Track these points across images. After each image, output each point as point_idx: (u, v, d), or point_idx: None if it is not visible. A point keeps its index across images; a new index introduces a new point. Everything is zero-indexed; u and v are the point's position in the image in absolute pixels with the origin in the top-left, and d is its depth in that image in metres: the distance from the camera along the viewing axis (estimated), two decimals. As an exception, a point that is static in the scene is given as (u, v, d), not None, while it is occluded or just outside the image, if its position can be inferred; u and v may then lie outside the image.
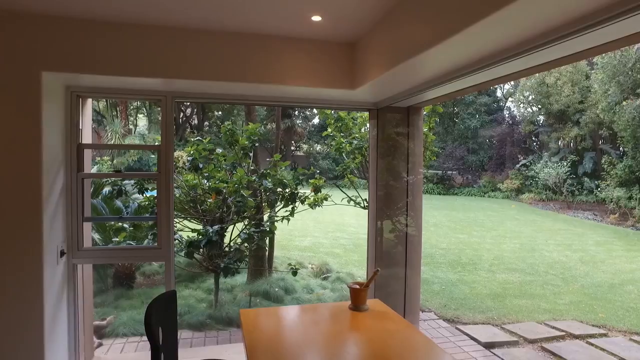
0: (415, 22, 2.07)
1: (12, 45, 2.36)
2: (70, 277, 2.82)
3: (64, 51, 2.45)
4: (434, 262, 8.16)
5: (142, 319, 4.41)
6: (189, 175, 4.43)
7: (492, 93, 23.30)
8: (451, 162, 21.62)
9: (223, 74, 2.69)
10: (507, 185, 19.15)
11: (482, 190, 20.22)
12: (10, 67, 2.36)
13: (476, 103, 22.45)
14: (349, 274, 6.72)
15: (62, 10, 2.34)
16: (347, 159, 5.22)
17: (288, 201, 4.45)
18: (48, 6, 2.29)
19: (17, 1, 2.23)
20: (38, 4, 2.25)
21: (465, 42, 1.82)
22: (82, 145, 2.86)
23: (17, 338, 2.41)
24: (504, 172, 20.78)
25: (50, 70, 2.44)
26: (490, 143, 22.64)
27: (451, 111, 23.05)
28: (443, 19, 1.82)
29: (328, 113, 5.21)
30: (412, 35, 2.09)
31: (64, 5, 2.28)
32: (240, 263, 4.53)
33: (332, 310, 2.41)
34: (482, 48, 1.92)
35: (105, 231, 5.19)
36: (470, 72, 2.20)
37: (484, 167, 21.92)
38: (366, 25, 2.56)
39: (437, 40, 1.86)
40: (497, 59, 1.97)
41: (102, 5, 2.28)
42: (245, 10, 2.34)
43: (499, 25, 1.60)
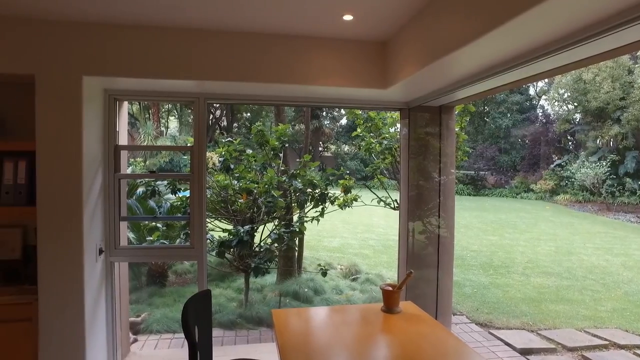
0: (448, 20, 2.03)
1: (56, 52, 2.45)
2: (108, 275, 2.90)
3: (103, 56, 2.52)
4: (465, 264, 7.98)
5: (175, 316, 4.54)
6: (220, 176, 4.49)
7: (525, 91, 22.61)
8: (482, 163, 21.12)
9: (254, 75, 2.71)
10: (541, 186, 18.54)
11: (514, 191, 19.65)
12: (54, 72, 2.45)
13: (508, 102, 21.85)
14: (378, 276, 6.65)
15: (100, 16, 2.41)
16: (377, 160, 5.17)
17: (318, 202, 4.45)
18: (87, 14, 2.37)
19: (61, 11, 2.31)
20: (79, 12, 2.33)
21: (500, 39, 1.76)
22: (119, 146, 2.94)
23: (60, 331, 2.50)
24: (537, 172, 20.14)
25: (91, 74, 2.52)
26: (522, 143, 21.98)
27: (481, 110, 22.51)
28: (477, 16, 1.76)
29: (357, 113, 5.17)
30: (444, 33, 2.04)
31: (102, 12, 2.35)
32: (270, 263, 4.56)
33: (364, 312, 2.39)
34: (518, 45, 1.85)
35: (139, 230, 5.33)
36: (505, 69, 2.13)
37: (515, 168, 21.31)
38: (398, 23, 2.52)
39: (470, 38, 1.81)
40: (533, 55, 1.90)
41: (138, 11, 2.34)
42: (277, 12, 2.35)
43: (536, 20, 1.54)
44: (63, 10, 2.32)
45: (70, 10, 2.33)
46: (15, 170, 2.63)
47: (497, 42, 1.81)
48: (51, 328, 2.47)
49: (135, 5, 2.26)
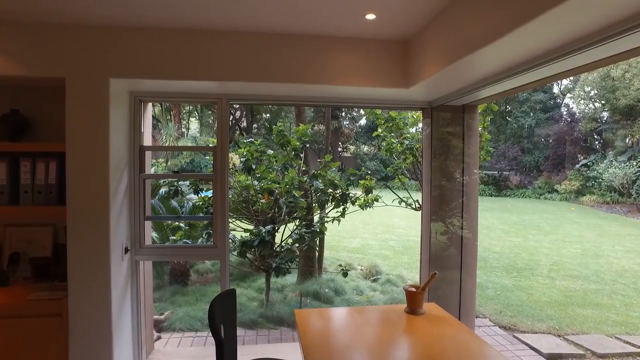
0: (472, 18, 1.99)
1: (85, 55, 2.52)
2: (133, 273, 2.96)
3: (129, 58, 2.57)
4: (488, 266, 7.84)
5: (197, 315, 4.60)
6: (242, 176, 4.53)
7: (548, 89, 22.07)
8: (504, 163, 20.72)
9: (276, 76, 2.72)
10: (566, 186, 18.05)
11: (537, 191, 19.20)
12: (83, 75, 2.51)
13: (530, 100, 21.37)
14: (399, 276, 6.61)
15: (126, 20, 2.47)
16: (398, 160, 5.13)
17: (339, 202, 4.44)
18: (114, 17, 2.42)
19: (89, 15, 2.37)
20: (105, 16, 2.38)
21: (526, 37, 1.72)
22: (143, 147, 2.99)
23: (89, 327, 2.56)
24: (561, 172, 19.63)
25: (117, 76, 2.57)
26: (546, 142, 21.46)
27: (503, 109, 22.09)
28: (502, 13, 1.72)
29: (378, 113, 5.15)
30: (468, 32, 2.01)
31: (127, 16, 2.40)
32: (291, 263, 4.57)
33: (387, 313, 2.37)
34: (544, 42, 1.80)
35: (162, 230, 5.43)
36: (530, 68, 2.08)
37: (539, 168, 20.81)
38: (420, 22, 2.49)
39: (495, 36, 1.77)
40: (560, 53, 1.84)
41: (162, 14, 2.38)
42: (300, 13, 2.36)
43: (564, 17, 1.50)
44: (91, 14, 2.38)
45: (98, 15, 2.38)
46: (47, 171, 2.71)
47: (523, 40, 1.76)
48: (80, 324, 2.53)
49: (160, 8, 2.30)
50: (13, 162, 2.68)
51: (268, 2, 2.22)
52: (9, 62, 2.46)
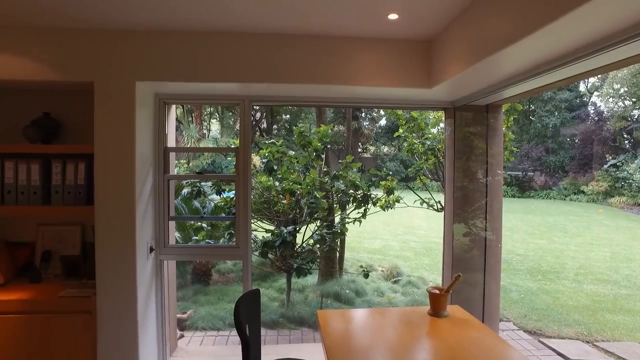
0: (498, 15, 1.96)
1: (112, 59, 2.58)
2: (157, 272, 3.01)
3: (154, 62, 2.63)
4: (511, 268, 7.68)
5: (219, 314, 4.66)
6: (263, 177, 4.57)
7: (574, 88, 21.47)
8: (527, 163, 20.26)
9: (297, 77, 2.73)
10: (593, 187, 17.51)
11: (562, 193, 18.69)
12: (110, 79, 2.58)
13: (555, 99, 20.82)
14: (420, 278, 6.54)
15: (151, 24, 2.52)
16: (420, 160, 5.09)
17: (360, 203, 4.43)
18: (139, 22, 2.48)
19: (115, 20, 2.43)
20: (131, 21, 2.44)
21: (553, 35, 1.67)
22: (168, 148, 3.05)
23: (116, 324, 2.62)
24: (588, 173, 19.05)
25: (143, 79, 2.63)
26: (571, 142, 20.88)
27: (526, 109, 21.59)
28: (529, 11, 1.69)
29: (400, 114, 5.11)
30: (493, 30, 1.98)
31: (152, 20, 2.45)
32: (312, 264, 4.59)
33: (411, 315, 2.35)
34: (573, 40, 1.75)
35: (184, 230, 5.52)
36: (558, 66, 2.02)
37: (564, 168, 20.26)
38: (443, 21, 2.47)
39: (521, 35, 1.74)
40: (589, 51, 1.79)
41: (186, 17, 2.42)
42: (322, 14, 2.36)
43: (595, 14, 1.45)
44: (118, 20, 2.44)
45: (124, 20, 2.45)
46: (76, 172, 2.79)
47: (550, 38, 1.72)
48: (108, 321, 2.60)
49: (183, 12, 2.34)
50: (45, 164, 2.78)
51: (291, 4, 2.24)
52: (42, 68, 2.54)
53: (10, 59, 2.52)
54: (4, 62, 2.51)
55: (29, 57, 2.53)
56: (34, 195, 2.76)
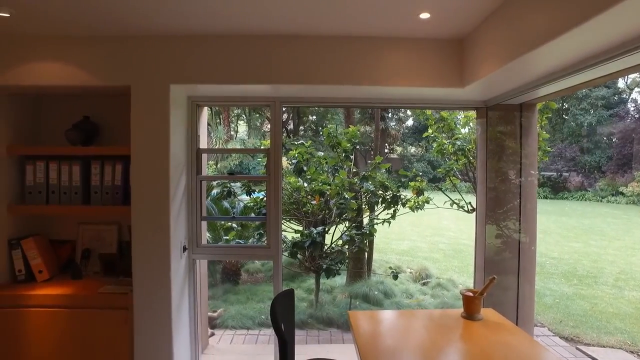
0: (535, 11, 1.90)
1: (148, 64, 2.66)
2: (190, 271, 3.08)
3: (187, 65, 2.69)
4: (544, 272, 7.45)
5: (248, 313, 4.72)
6: (292, 178, 4.60)
7: (612, 84, 20.59)
8: (560, 163, 19.57)
9: (328, 78, 2.73)
10: (633, 188, 16.74)
11: (598, 194, 17.96)
12: (146, 82, 2.66)
13: (591, 97, 20.02)
14: (449, 280, 6.43)
15: (184, 28, 2.58)
16: (450, 161, 5.00)
17: (390, 204, 4.40)
18: (173, 27, 2.54)
19: (151, 26, 2.50)
20: (166, 26, 2.51)
21: (594, 30, 1.60)
22: (200, 149, 3.12)
23: (151, 320, 2.69)
24: (628, 173, 18.23)
25: (177, 82, 2.70)
26: (609, 141, 20.03)
27: (559, 107, 20.86)
28: (569, 6, 1.63)
29: (429, 114, 5.05)
30: (530, 27, 1.92)
31: (184, 25, 2.51)
32: (341, 265, 4.59)
33: (444, 317, 2.31)
34: (616, 35, 1.68)
35: (215, 230, 5.62)
36: (598, 63, 1.94)
37: (600, 169, 19.46)
38: (477, 19, 2.42)
39: (560, 31, 1.67)
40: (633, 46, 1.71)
41: (216, 21, 2.46)
42: (353, 14, 2.36)
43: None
44: (153, 25, 2.51)
45: (159, 25, 2.51)
46: (113, 173, 2.90)
47: (591, 34, 1.65)
48: (144, 317, 2.68)
49: (215, 17, 2.39)
50: (85, 165, 2.89)
51: (323, 6, 2.24)
52: (83, 74, 2.65)
53: (55, 67, 2.64)
54: (50, 70, 2.64)
55: (72, 64, 2.64)
56: (75, 195, 2.88)
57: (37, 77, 2.64)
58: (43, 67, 2.64)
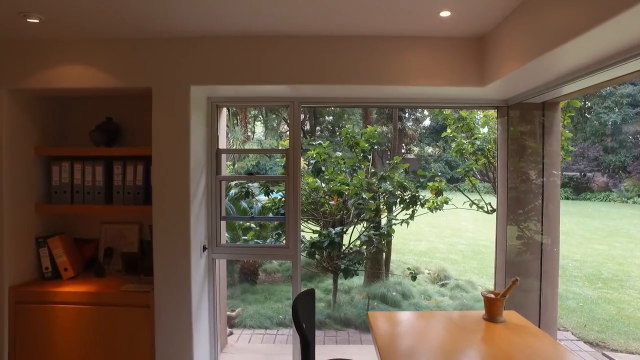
0: (559, 8, 1.85)
1: (169, 65, 2.70)
2: (209, 270, 3.11)
3: (207, 66, 2.72)
4: (567, 274, 7.28)
5: (266, 313, 4.74)
6: (309, 178, 4.61)
7: (639, 82, 19.97)
8: (582, 163, 19.09)
9: (346, 78, 2.73)
10: (661, 189, 16.23)
11: (623, 195, 17.44)
12: (167, 84, 2.70)
13: (615, 94, 19.46)
14: (468, 282, 6.35)
15: (204, 31, 2.61)
16: (469, 161, 4.94)
17: (408, 204, 4.37)
18: (193, 29, 2.57)
19: (169, 28, 2.53)
20: (186, 28, 2.54)
21: (626, 24, 1.55)
22: (219, 150, 3.15)
23: (172, 318, 2.73)
24: (655, 174, 17.69)
25: (197, 84, 2.73)
26: (635, 140, 19.45)
27: (582, 105, 20.34)
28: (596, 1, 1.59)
29: (448, 113, 4.99)
30: (554, 23, 1.88)
31: (204, 27, 2.54)
32: (359, 265, 4.57)
33: (465, 319, 2.28)
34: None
35: (233, 230, 5.66)
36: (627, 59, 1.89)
37: (625, 169, 18.90)
38: (498, 16, 2.38)
39: (587, 27, 1.62)
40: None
41: (235, 23, 2.48)
42: (372, 14, 2.35)
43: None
44: (173, 27, 2.54)
45: (179, 27, 2.54)
46: (135, 173, 2.95)
47: (617, 30, 1.60)
48: (165, 315, 2.71)
49: (235, 18, 2.41)
50: (108, 165, 2.95)
51: (342, 6, 2.24)
52: (105, 75, 2.71)
53: (80, 70, 2.71)
54: (75, 73, 2.71)
55: (96, 67, 2.70)
56: (98, 195, 2.95)
57: (64, 80, 2.71)
58: (69, 70, 2.71)
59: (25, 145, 2.87)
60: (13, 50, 2.70)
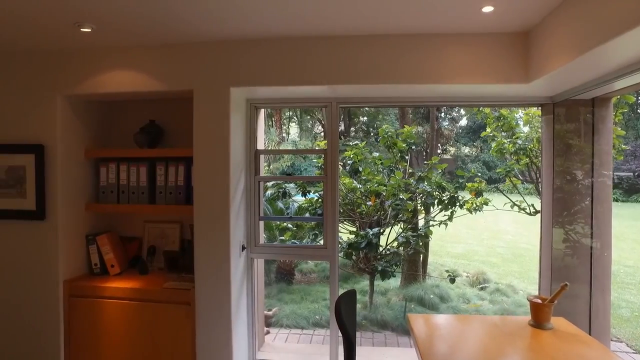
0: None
1: (210, 68, 2.77)
2: (248, 269, 3.16)
3: (246, 68, 2.76)
4: (618, 281, 6.88)
5: (302, 313, 4.77)
6: (346, 179, 4.60)
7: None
8: (634, 163, 18.01)
9: (385, 77, 2.70)
10: None
11: (681, 197, 16.32)
12: (208, 86, 2.76)
13: (671, 90, 18.24)
14: (509, 286, 6.12)
15: (243, 34, 2.65)
16: (510, 161, 4.78)
17: (447, 205, 4.28)
18: (232, 32, 2.61)
19: (209, 32, 2.59)
20: (226, 31, 2.59)
21: None
22: (258, 151, 3.19)
23: (212, 316, 2.79)
24: None
25: (236, 86, 2.78)
26: (695, 138, 18.16)
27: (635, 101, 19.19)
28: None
29: (487, 112, 4.85)
30: (607, 15, 1.77)
31: (243, 30, 2.58)
32: (396, 267, 4.52)
33: (510, 324, 2.20)
34: None
35: (270, 230, 5.73)
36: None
37: (684, 169, 17.67)
38: (545, 9, 2.28)
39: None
40: None
41: (273, 24, 2.50)
42: (412, 12, 2.31)
43: None
44: (213, 32, 2.60)
45: (219, 31, 2.60)
46: (176, 174, 3.04)
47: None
48: (205, 313, 2.78)
49: (274, 20, 2.43)
50: (151, 166, 3.06)
51: (382, 4, 2.22)
52: (149, 79, 2.81)
53: (127, 75, 2.83)
54: (122, 78, 2.83)
55: (141, 71, 2.81)
56: (142, 194, 3.05)
57: (111, 85, 2.84)
58: (116, 76, 2.83)
59: (76, 148, 3.03)
60: (68, 58, 2.86)
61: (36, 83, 2.87)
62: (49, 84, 2.86)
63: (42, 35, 2.63)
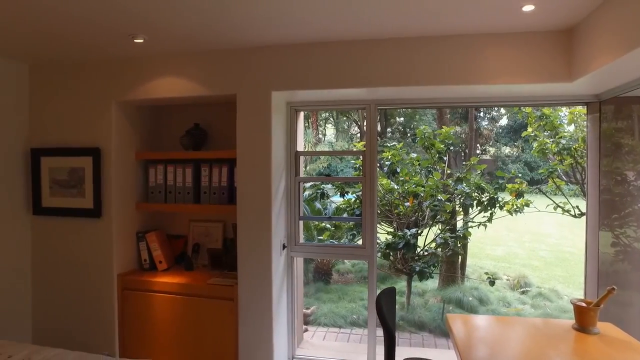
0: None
1: (252, 73, 2.88)
2: (288, 268, 3.24)
3: (287, 72, 2.85)
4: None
5: (340, 312, 4.83)
6: (384, 180, 4.62)
7: None
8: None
9: (423, 79, 2.71)
10: None
11: None
12: (250, 90, 2.88)
13: None
14: (552, 291, 5.93)
15: (283, 39, 2.73)
16: (553, 161, 4.64)
17: (486, 206, 4.21)
18: (273, 37, 2.70)
19: (251, 38, 2.69)
20: (264, 38, 2.68)
21: None
22: (298, 152, 3.27)
23: (254, 312, 2.90)
24: None
25: (277, 89, 2.87)
26: None
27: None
28: None
29: (529, 111, 4.73)
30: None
31: (283, 35, 2.66)
32: (434, 268, 4.50)
33: (553, 328, 2.16)
34: None
35: (308, 230, 5.83)
36: None
37: None
38: (589, 5, 2.23)
39: None
40: None
41: (312, 29, 2.57)
42: (451, 12, 2.32)
43: None
44: (254, 37, 2.70)
45: (260, 37, 2.69)
46: (220, 175, 3.17)
47: None
48: (247, 309, 2.89)
49: (314, 24, 2.49)
50: (196, 168, 3.21)
51: (421, 6, 2.24)
52: (195, 85, 2.95)
53: (174, 81, 2.99)
54: (168, 84, 3.00)
55: (187, 77, 2.96)
56: (188, 195, 3.21)
57: (160, 90, 3.01)
58: (164, 82, 3.00)
59: (128, 151, 3.23)
60: (121, 67, 3.06)
61: (94, 91, 3.10)
62: (105, 91, 3.08)
63: (100, 48, 2.84)
